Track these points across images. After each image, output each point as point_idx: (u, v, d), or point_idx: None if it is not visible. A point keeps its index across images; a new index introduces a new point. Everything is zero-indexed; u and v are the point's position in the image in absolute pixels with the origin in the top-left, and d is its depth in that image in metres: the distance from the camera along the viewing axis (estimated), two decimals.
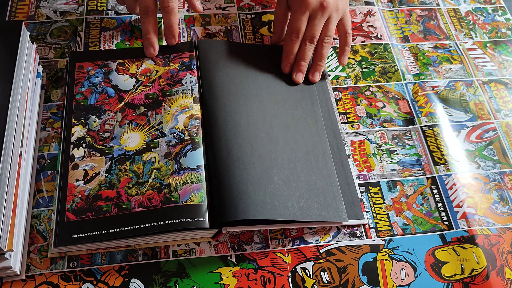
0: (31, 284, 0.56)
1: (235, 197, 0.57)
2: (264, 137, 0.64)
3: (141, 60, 0.72)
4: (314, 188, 0.61)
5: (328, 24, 0.72)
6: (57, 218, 0.58)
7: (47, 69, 0.73)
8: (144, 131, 0.65)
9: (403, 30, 0.83)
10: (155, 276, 0.57)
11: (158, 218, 0.57)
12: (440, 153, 0.68)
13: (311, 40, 0.71)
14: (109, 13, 0.81)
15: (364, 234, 0.62)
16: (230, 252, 0.59)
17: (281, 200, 0.59)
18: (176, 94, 0.68)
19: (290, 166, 0.62)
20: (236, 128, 0.64)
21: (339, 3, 0.72)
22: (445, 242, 0.61)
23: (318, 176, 0.62)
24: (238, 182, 0.59)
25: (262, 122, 0.66)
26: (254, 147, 0.62)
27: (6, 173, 0.53)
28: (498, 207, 0.65)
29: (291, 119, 0.67)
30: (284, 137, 0.65)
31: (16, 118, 0.58)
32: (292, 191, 0.60)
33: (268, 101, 0.68)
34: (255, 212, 0.57)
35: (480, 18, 0.86)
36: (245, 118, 0.65)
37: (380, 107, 0.73)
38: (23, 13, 0.80)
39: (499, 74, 0.78)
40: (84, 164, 0.62)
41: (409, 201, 0.64)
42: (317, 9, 0.71)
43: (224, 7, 0.83)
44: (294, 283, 0.58)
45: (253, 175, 0.60)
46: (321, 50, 0.73)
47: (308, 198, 0.60)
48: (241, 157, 0.61)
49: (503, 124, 0.72)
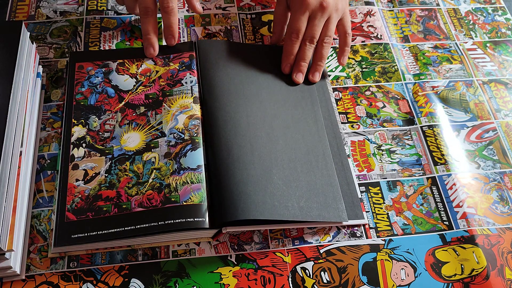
0: (31, 284, 0.56)
1: (235, 197, 0.57)
2: (264, 137, 0.64)
3: (141, 60, 0.72)
4: (314, 188, 0.61)
5: (328, 24, 0.72)
6: (57, 218, 0.58)
7: (47, 69, 0.73)
8: (144, 131, 0.65)
9: (403, 30, 0.83)
10: (155, 276, 0.57)
11: (158, 218, 0.57)
12: (440, 153, 0.68)
13: (311, 40, 0.71)
14: (109, 13, 0.81)
15: (364, 234, 0.62)
16: (230, 252, 0.59)
17: (281, 200, 0.59)
18: (176, 94, 0.68)
19: (290, 166, 0.62)
20: (236, 128, 0.64)
21: (338, 3, 0.72)
22: (445, 242, 0.61)
23: (318, 176, 0.62)
24: (238, 182, 0.59)
25: (262, 122, 0.66)
26: (254, 147, 0.62)
27: (6, 173, 0.53)
28: (498, 207, 0.65)
29: (291, 119, 0.67)
30: (284, 137, 0.65)
31: (16, 118, 0.58)
32: (292, 191, 0.60)
33: (268, 101, 0.68)
34: (255, 212, 0.57)
35: (480, 18, 0.86)
36: (245, 118, 0.65)
37: (380, 107, 0.73)
38: (23, 13, 0.80)
39: (499, 74, 0.78)
40: (84, 164, 0.62)
41: (409, 201, 0.64)
42: (317, 9, 0.71)
43: (224, 7, 0.83)
44: (294, 283, 0.58)
45: (253, 175, 0.60)
46: (321, 50, 0.73)
47: (308, 198, 0.60)
48: (241, 157, 0.61)
49: (503, 124, 0.72)
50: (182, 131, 0.64)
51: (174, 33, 0.72)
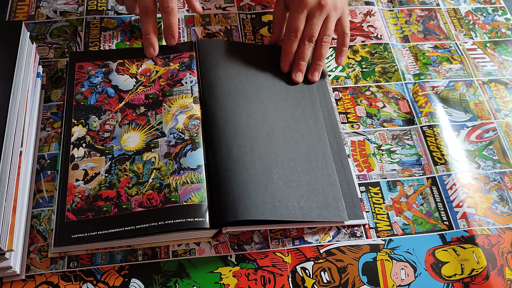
0: (31, 284, 0.56)
1: (235, 197, 0.57)
2: (264, 137, 0.64)
3: (141, 60, 0.72)
4: (314, 188, 0.61)
5: (326, 23, 0.72)
6: (57, 218, 0.58)
7: (47, 69, 0.73)
8: (144, 131, 0.65)
9: (403, 30, 0.83)
10: (155, 276, 0.57)
11: (158, 218, 0.57)
12: (440, 153, 0.68)
13: (310, 39, 0.71)
14: (109, 13, 0.81)
15: (364, 234, 0.62)
16: (230, 252, 0.59)
17: (281, 200, 0.59)
18: (176, 94, 0.68)
19: (290, 165, 0.62)
20: (236, 128, 0.64)
21: (337, 2, 0.72)
22: (445, 242, 0.61)
23: (319, 176, 0.62)
24: (238, 182, 0.59)
25: (262, 122, 0.66)
26: (254, 147, 0.62)
27: (6, 173, 0.53)
28: (498, 207, 0.65)
29: (291, 118, 0.67)
30: (284, 137, 0.65)
31: (16, 118, 0.58)
32: (292, 191, 0.60)
33: (268, 101, 0.68)
34: (256, 213, 0.57)
35: (480, 18, 0.86)
36: (245, 118, 0.65)
37: (380, 107, 0.73)
38: (23, 13, 0.80)
39: (499, 74, 0.78)
40: (84, 164, 0.62)
41: (409, 201, 0.64)
42: (315, 8, 0.70)
43: (224, 7, 0.83)
44: (294, 283, 0.58)
45: (253, 175, 0.60)
46: (320, 50, 0.73)
47: (308, 198, 0.60)
48: (241, 157, 0.61)
49: (503, 124, 0.72)
50: (182, 131, 0.64)
51: (174, 33, 0.72)
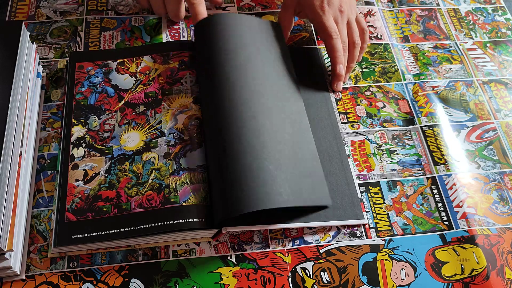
0: (31, 284, 0.56)
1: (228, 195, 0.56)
2: (251, 120, 0.61)
3: (140, 58, 0.72)
4: (302, 168, 0.60)
5: (350, 25, 0.73)
6: (57, 218, 0.58)
7: (47, 69, 0.73)
8: (144, 130, 0.65)
9: (403, 30, 0.83)
10: (155, 276, 0.57)
11: (158, 219, 0.57)
12: (440, 153, 0.68)
13: (345, 43, 0.72)
14: (109, 13, 0.81)
15: (364, 234, 0.62)
16: (230, 252, 0.59)
17: (273, 186, 0.56)
18: (176, 94, 0.68)
19: (278, 148, 0.60)
20: (224, 119, 0.61)
21: (351, 4, 0.73)
22: (445, 242, 0.61)
23: (304, 158, 0.61)
24: (228, 178, 0.57)
25: (248, 103, 0.62)
26: (241, 132, 0.60)
27: (6, 173, 0.53)
28: (498, 207, 0.65)
29: (274, 96, 0.65)
30: (270, 118, 0.62)
31: (16, 118, 0.58)
32: (283, 175, 0.57)
33: (252, 77, 0.65)
34: (248, 207, 0.54)
35: (480, 18, 0.86)
36: (227, 102, 0.62)
37: (380, 107, 0.73)
38: (23, 13, 0.80)
39: (499, 74, 0.78)
40: (84, 164, 0.62)
41: (409, 201, 0.64)
42: (337, 15, 0.71)
43: (224, 7, 0.83)
44: (294, 283, 0.58)
45: (244, 165, 0.57)
46: (353, 52, 0.73)
47: (297, 182, 0.58)
48: (228, 150, 0.59)
49: (503, 124, 0.72)
50: (182, 131, 0.64)
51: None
